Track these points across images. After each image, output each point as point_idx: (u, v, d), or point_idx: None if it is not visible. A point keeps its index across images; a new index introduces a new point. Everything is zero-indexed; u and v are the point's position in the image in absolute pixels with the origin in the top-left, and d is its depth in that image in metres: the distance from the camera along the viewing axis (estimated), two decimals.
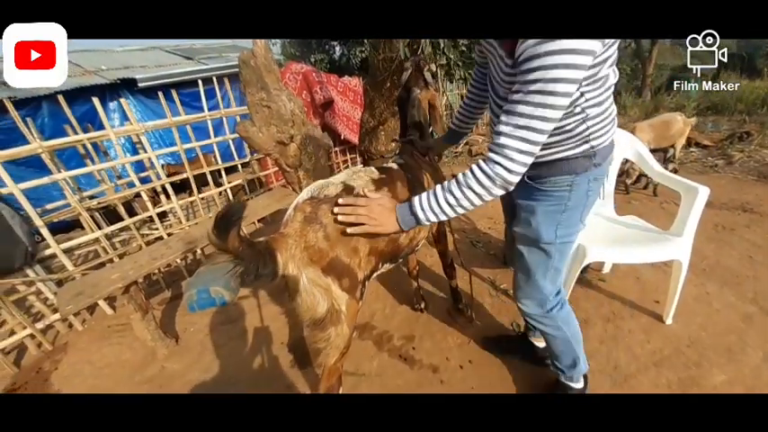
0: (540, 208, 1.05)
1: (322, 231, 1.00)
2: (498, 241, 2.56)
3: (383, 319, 1.96)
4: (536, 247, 1.10)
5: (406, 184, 1.25)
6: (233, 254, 0.82)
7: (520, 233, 1.13)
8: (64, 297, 1.49)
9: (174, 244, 1.85)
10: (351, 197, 1.01)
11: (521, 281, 1.21)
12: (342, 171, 3.52)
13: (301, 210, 1.03)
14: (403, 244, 1.26)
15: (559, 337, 1.24)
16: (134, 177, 2.26)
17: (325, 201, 1.04)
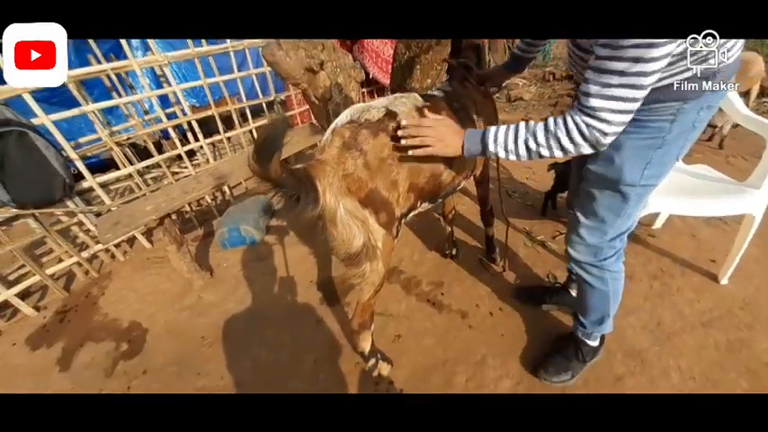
0: (630, 142, 0.87)
1: (362, 159, 0.91)
2: (536, 192, 2.40)
3: (411, 265, 1.93)
4: (613, 189, 0.94)
5: (451, 115, 1.11)
6: (274, 181, 0.76)
7: (596, 172, 0.96)
8: (103, 226, 1.53)
9: (204, 179, 1.83)
10: (416, 118, 0.93)
11: (581, 224, 1.07)
12: None
13: (340, 134, 0.93)
14: (445, 182, 1.15)
15: (599, 291, 1.14)
16: (160, 113, 2.21)
17: (365, 125, 0.94)
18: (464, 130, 0.89)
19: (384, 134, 0.95)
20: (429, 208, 1.28)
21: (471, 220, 2.19)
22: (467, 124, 1.17)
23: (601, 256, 1.07)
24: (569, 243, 1.13)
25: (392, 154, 0.96)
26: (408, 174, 1.01)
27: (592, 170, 0.98)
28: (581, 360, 1.28)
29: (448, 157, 1.08)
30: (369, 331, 1.28)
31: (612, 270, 1.10)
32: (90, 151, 2.03)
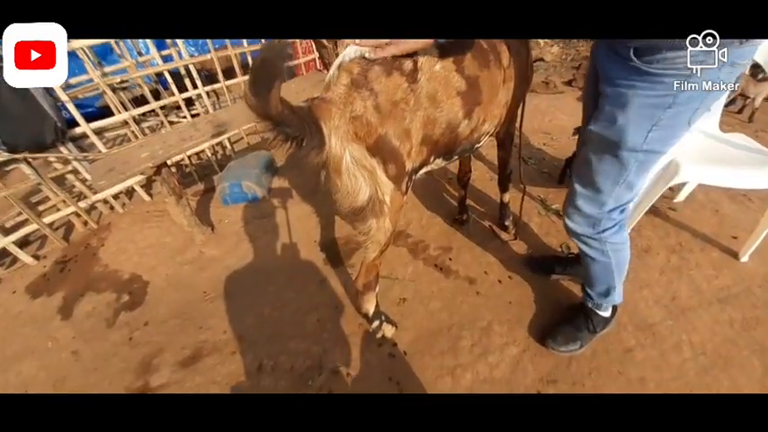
0: (637, 99, 0.77)
1: (372, 100, 0.80)
2: (553, 159, 2.28)
3: (419, 229, 1.86)
4: (613, 153, 0.85)
5: (478, 57, 0.96)
6: (275, 119, 0.65)
7: (596, 133, 0.87)
8: (97, 173, 1.45)
9: (202, 126, 1.71)
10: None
11: (578, 194, 0.99)
12: None
13: (348, 70, 0.81)
14: (462, 135, 1.02)
15: (601, 263, 1.08)
16: (156, 54, 2.03)
17: (378, 62, 0.81)
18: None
19: (398, 73, 0.83)
20: (443, 165, 1.18)
21: (482, 186, 2.09)
22: (495, 71, 1.03)
23: (599, 227, 1.00)
24: (565, 214, 1.06)
25: (406, 97, 0.84)
26: (423, 122, 0.90)
27: (593, 131, 0.88)
28: (591, 331, 1.25)
29: (467, 107, 0.96)
30: (373, 292, 1.23)
31: (613, 242, 1.03)
32: (81, 93, 1.89)
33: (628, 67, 0.77)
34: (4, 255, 1.88)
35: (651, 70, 0.73)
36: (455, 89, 0.90)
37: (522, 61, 1.13)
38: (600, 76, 0.90)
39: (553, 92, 3.13)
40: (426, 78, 0.85)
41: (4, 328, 1.57)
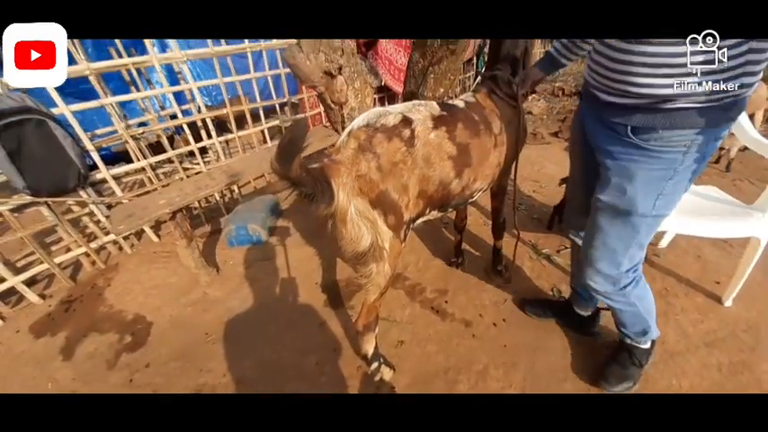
0: (642, 173, 0.86)
1: (375, 162, 0.94)
2: (542, 206, 2.42)
3: (416, 272, 1.94)
4: (624, 219, 0.94)
5: (468, 127, 1.13)
6: (293, 180, 0.79)
7: (606, 202, 0.95)
8: (117, 218, 1.55)
9: (217, 176, 1.86)
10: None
11: (594, 256, 1.06)
12: None
13: (356, 137, 0.96)
14: (454, 191, 1.17)
15: (629, 312, 1.16)
16: (176, 108, 2.24)
17: (381, 130, 0.97)
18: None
19: (398, 139, 0.98)
20: (439, 216, 1.30)
21: (477, 230, 2.20)
22: (485, 138, 1.19)
23: (619, 285, 1.08)
24: (586, 276, 1.12)
25: (404, 159, 0.99)
26: (418, 180, 1.03)
27: (601, 199, 0.97)
28: (638, 365, 1.29)
29: (458, 169, 1.10)
30: (373, 334, 1.29)
31: (636, 294, 1.11)
32: (106, 143, 2.07)
33: (626, 143, 0.86)
34: (10, 293, 1.93)
35: (650, 147, 0.82)
36: (447, 153, 1.05)
37: (513, 128, 1.29)
38: (596, 148, 0.98)
39: (541, 143, 3.36)
40: (422, 144, 1.00)
41: (5, 368, 1.58)
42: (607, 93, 0.87)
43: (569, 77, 5.17)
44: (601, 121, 0.93)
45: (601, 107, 0.91)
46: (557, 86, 4.61)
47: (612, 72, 0.82)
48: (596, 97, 0.91)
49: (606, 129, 0.92)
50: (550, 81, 4.99)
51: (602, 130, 0.94)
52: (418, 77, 2.14)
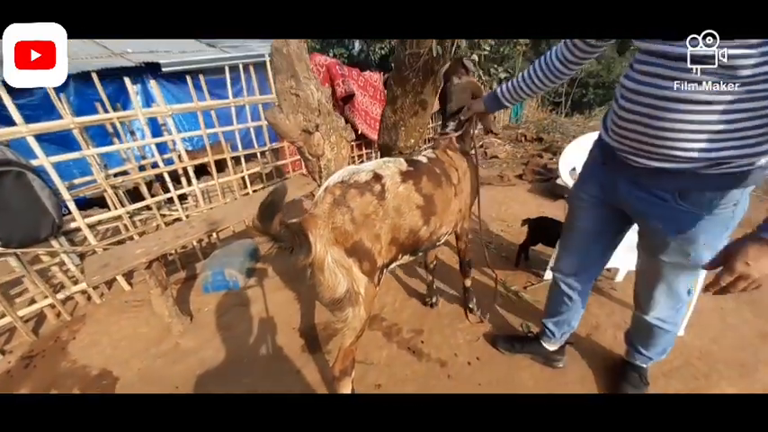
0: (701, 236, 0.88)
1: (349, 214, 1.04)
2: (510, 244, 2.56)
3: (393, 312, 1.98)
4: (690, 271, 1.00)
5: (432, 179, 1.27)
6: (274, 236, 0.88)
7: (671, 262, 0.97)
8: (90, 268, 1.55)
9: (197, 224, 1.90)
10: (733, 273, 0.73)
11: (662, 300, 1.13)
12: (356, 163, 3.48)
13: (331, 192, 1.07)
14: (423, 237, 1.28)
15: (672, 332, 1.26)
16: (158, 158, 2.31)
17: (354, 185, 1.08)
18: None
19: (370, 194, 1.10)
20: (411, 260, 1.40)
21: (452, 269, 2.30)
22: (447, 188, 1.33)
23: (677, 308, 1.17)
24: (651, 314, 1.19)
25: (376, 211, 1.10)
26: (390, 229, 1.14)
27: (667, 261, 0.98)
28: (646, 383, 1.40)
29: (425, 216, 1.22)
30: (349, 378, 1.30)
31: (683, 313, 1.23)
32: (84, 192, 2.08)
33: (676, 209, 0.87)
34: None
35: (701, 213, 0.84)
36: (415, 204, 1.18)
37: (469, 178, 1.47)
38: (637, 212, 0.98)
39: (507, 184, 3.62)
40: (392, 196, 1.12)
41: None
42: (648, 158, 0.85)
43: (530, 125, 5.68)
44: (639, 185, 0.93)
45: (638, 173, 0.90)
46: (519, 133, 5.05)
47: (655, 138, 0.81)
48: (629, 163, 0.91)
49: (647, 194, 0.91)
50: (513, 128, 5.45)
51: (642, 196, 0.93)
52: (391, 130, 2.34)
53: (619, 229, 1.21)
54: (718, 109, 0.72)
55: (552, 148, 4.36)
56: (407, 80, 1.99)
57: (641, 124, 0.83)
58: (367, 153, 4.26)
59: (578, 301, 1.41)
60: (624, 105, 0.87)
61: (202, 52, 5.83)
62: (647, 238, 1.03)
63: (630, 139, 0.87)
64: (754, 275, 0.70)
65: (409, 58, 1.88)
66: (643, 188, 0.92)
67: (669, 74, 0.76)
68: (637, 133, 0.85)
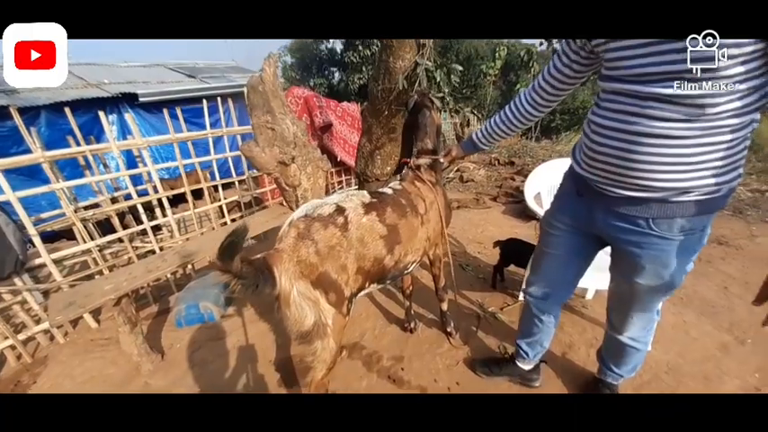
0: (672, 259, 0.95)
1: (313, 247, 1.07)
2: (487, 266, 2.63)
3: (373, 339, 1.97)
4: (664, 293, 1.06)
5: (396, 210, 1.32)
6: (236, 275, 0.89)
7: (646, 284, 1.03)
8: (55, 306, 1.48)
9: (169, 257, 1.87)
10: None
11: (635, 321, 1.20)
12: (336, 191, 3.59)
13: (295, 226, 1.10)
14: (388, 266, 1.31)
15: (644, 351, 1.32)
16: (132, 190, 2.28)
17: (318, 219, 1.12)
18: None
19: (333, 226, 1.13)
20: (379, 288, 1.42)
21: (431, 293, 2.32)
22: (412, 218, 1.39)
23: (649, 326, 1.25)
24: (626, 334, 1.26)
25: (340, 242, 1.13)
26: (355, 258, 1.17)
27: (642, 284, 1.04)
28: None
29: (389, 245, 1.27)
30: None
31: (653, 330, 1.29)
32: (51, 226, 2.02)
33: (649, 234, 0.92)
34: None
35: (672, 237, 0.90)
36: (378, 234, 1.22)
37: (437, 208, 1.52)
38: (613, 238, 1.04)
39: (483, 207, 3.75)
40: (355, 227, 1.16)
41: None
42: (622, 188, 0.91)
43: (503, 149, 5.96)
44: (614, 214, 0.98)
45: (613, 201, 0.95)
46: (493, 157, 5.29)
47: (628, 170, 0.87)
48: (605, 192, 0.96)
49: (623, 221, 0.96)
50: (488, 153, 5.70)
51: (618, 223, 0.98)
52: (367, 159, 2.42)
53: (590, 254, 1.28)
54: (687, 143, 0.78)
55: (524, 172, 4.58)
56: (381, 112, 2.09)
57: (614, 157, 0.88)
58: (346, 179, 4.33)
59: (550, 322, 1.46)
60: (596, 140, 0.92)
61: (181, 83, 5.90)
62: (624, 263, 1.06)
63: (605, 171, 0.92)
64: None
65: (381, 92, 1.98)
66: (618, 216, 0.96)
67: (640, 111, 0.81)
68: (610, 165, 0.90)
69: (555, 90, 1.13)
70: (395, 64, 1.78)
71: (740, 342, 1.84)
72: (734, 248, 2.79)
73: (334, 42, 9.29)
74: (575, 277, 1.36)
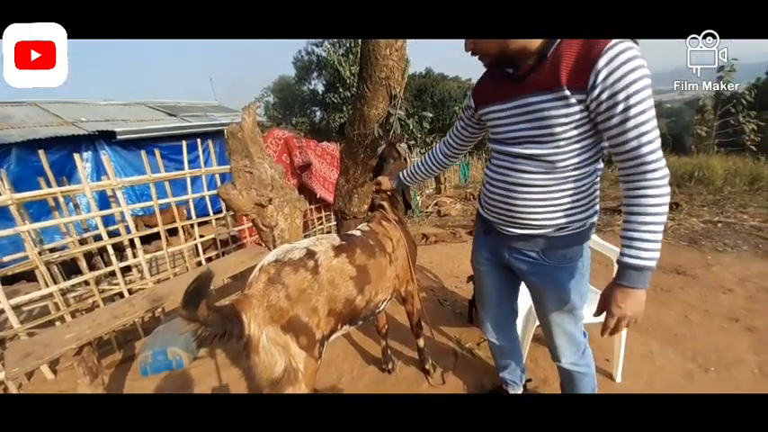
0: (566, 284, 1.08)
1: (284, 291, 1.08)
2: (464, 300, 2.67)
3: (351, 381, 1.93)
4: (569, 313, 1.17)
5: (365, 250, 1.37)
6: (202, 323, 0.89)
7: (554, 309, 1.16)
8: (11, 357, 1.39)
9: (138, 302, 1.81)
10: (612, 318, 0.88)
11: (561, 342, 1.27)
12: (316, 227, 3.63)
13: (266, 271, 1.12)
14: (360, 306, 1.33)
15: (589, 374, 1.35)
16: (103, 231, 2.24)
17: (288, 263, 1.14)
18: (636, 288, 0.85)
19: (304, 269, 1.15)
20: (351, 329, 1.43)
21: (406, 333, 2.31)
22: (381, 258, 1.44)
23: (581, 350, 1.30)
24: (560, 357, 1.31)
25: (311, 285, 1.15)
26: (326, 301, 1.19)
27: (551, 308, 1.17)
28: None
29: (359, 285, 1.31)
30: None
31: (589, 354, 1.34)
32: (13, 270, 1.93)
33: (543, 265, 1.08)
34: None
35: (562, 266, 1.05)
36: (348, 275, 1.26)
37: (404, 245, 1.59)
38: (521, 271, 1.17)
39: (459, 241, 3.86)
40: (326, 270, 1.20)
41: None
42: (513, 226, 1.08)
43: (477, 184, 6.24)
44: (513, 249, 1.14)
45: (510, 239, 1.12)
46: (468, 192, 5.53)
47: (513, 212, 1.04)
48: (502, 231, 1.12)
49: (521, 255, 1.12)
50: (462, 188, 5.96)
51: (518, 257, 1.13)
52: (345, 197, 2.50)
53: (514, 282, 1.37)
54: (549, 190, 0.97)
55: None
56: (357, 155, 2.20)
57: (501, 202, 1.07)
58: (326, 215, 4.38)
59: (512, 345, 1.52)
60: (490, 189, 1.12)
61: (162, 121, 5.94)
62: (532, 292, 1.22)
63: (497, 214, 1.10)
64: (629, 314, 0.87)
65: (357, 137, 2.10)
66: (517, 250, 1.13)
67: (514, 167, 1.01)
68: (499, 209, 1.09)
69: (459, 145, 1.38)
70: (369, 112, 1.92)
71: (704, 370, 1.92)
72: (691, 277, 2.97)
73: (316, 84, 9.79)
74: (510, 304, 1.45)
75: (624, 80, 0.76)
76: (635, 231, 0.84)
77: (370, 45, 1.83)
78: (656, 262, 0.83)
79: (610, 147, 0.88)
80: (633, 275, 0.84)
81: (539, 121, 0.91)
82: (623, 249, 0.86)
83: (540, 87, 0.87)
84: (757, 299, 2.50)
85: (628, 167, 0.85)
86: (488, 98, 1.05)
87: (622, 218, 0.90)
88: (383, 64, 1.85)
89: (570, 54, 0.81)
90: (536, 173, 0.97)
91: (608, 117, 0.81)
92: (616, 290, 0.87)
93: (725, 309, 2.43)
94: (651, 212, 0.82)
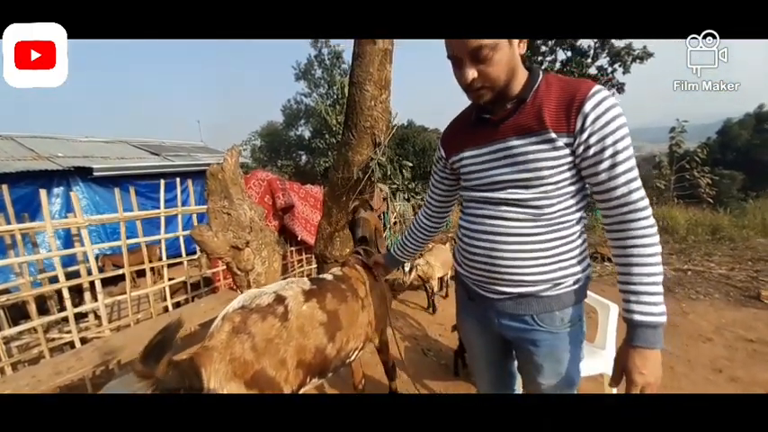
0: (564, 354, 0.94)
1: (249, 342, 0.99)
2: (449, 350, 2.55)
3: None
4: (567, 389, 1.00)
5: (336, 295, 1.31)
6: (159, 381, 0.78)
7: (549, 385, 0.99)
8: None
9: (87, 355, 1.61)
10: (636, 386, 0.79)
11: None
12: (296, 270, 3.50)
13: (230, 320, 1.02)
14: (330, 355, 1.23)
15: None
16: (60, 272, 2.06)
17: (256, 310, 1.05)
18: (654, 349, 0.77)
19: (272, 316, 1.07)
20: (319, 383, 1.31)
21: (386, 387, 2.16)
22: (353, 303, 1.37)
23: None
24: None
25: (279, 334, 1.05)
26: (295, 351, 1.09)
27: (546, 384, 0.99)
28: None
29: (330, 332, 1.22)
30: None
31: None
32: None
33: (538, 331, 0.92)
34: None
35: (557, 331, 0.90)
36: (318, 321, 1.18)
37: (378, 291, 1.52)
38: (514, 338, 1.01)
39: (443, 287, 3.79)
40: (295, 316, 1.12)
41: None
42: (499, 284, 0.93)
43: None
44: (503, 314, 0.98)
45: (498, 302, 0.96)
46: (449, 236, 5.56)
47: (499, 267, 0.90)
48: (487, 296, 0.97)
49: (512, 320, 0.97)
50: (444, 232, 6.01)
51: (509, 323, 0.98)
52: (327, 240, 2.45)
53: (507, 350, 1.16)
54: (538, 239, 0.86)
55: None
56: (340, 198, 2.20)
57: (485, 256, 0.93)
58: (307, 257, 4.26)
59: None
60: (468, 242, 0.98)
61: (143, 159, 5.88)
62: (525, 363, 1.04)
63: (480, 270, 0.95)
64: (651, 380, 0.77)
65: (341, 180, 2.12)
66: (507, 316, 0.97)
67: (496, 214, 0.91)
68: (482, 264, 0.94)
69: (439, 203, 1.22)
70: (353, 158, 1.95)
71: None
72: (671, 327, 2.98)
73: (303, 130, 10.09)
74: (508, 367, 1.21)
75: (611, 125, 0.76)
76: (639, 285, 0.77)
77: (357, 96, 1.92)
78: (666, 317, 0.76)
79: (596, 194, 0.84)
80: (649, 334, 0.76)
81: (523, 164, 0.85)
82: (631, 306, 0.78)
83: (522, 131, 0.84)
84: (736, 348, 2.52)
85: (617, 215, 0.81)
86: (461, 145, 0.98)
87: (617, 270, 0.84)
88: (368, 114, 1.92)
89: (551, 98, 0.81)
90: (522, 220, 0.87)
91: (596, 162, 0.79)
92: (634, 354, 0.77)
93: (707, 359, 2.42)
94: (650, 263, 0.77)
